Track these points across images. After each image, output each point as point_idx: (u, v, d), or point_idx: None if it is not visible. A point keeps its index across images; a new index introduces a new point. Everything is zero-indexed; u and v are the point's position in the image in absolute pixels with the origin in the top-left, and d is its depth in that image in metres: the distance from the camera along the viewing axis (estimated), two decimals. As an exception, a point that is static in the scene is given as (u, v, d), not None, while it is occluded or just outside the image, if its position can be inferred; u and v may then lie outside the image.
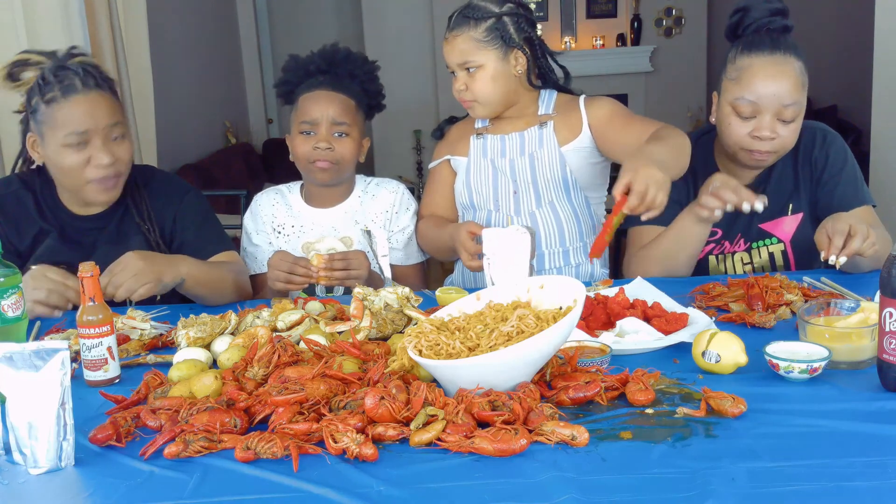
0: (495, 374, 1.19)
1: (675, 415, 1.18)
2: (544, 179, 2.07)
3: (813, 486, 0.97)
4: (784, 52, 1.81)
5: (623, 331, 1.50)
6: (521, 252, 1.73)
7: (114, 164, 1.83)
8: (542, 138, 2.07)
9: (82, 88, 1.80)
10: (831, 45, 6.16)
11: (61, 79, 1.80)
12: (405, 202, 2.17)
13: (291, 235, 2.14)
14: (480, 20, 1.98)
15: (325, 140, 2.01)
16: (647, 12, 6.90)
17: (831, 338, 1.33)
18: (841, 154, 1.94)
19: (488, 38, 1.98)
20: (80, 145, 1.80)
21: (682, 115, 6.82)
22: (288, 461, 1.09)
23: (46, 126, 1.81)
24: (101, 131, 1.81)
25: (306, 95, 2.05)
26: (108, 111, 1.83)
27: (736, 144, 1.87)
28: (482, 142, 2.12)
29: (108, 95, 1.85)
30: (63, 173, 1.85)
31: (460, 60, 2.00)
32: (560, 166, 2.06)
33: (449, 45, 2.02)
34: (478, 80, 2.01)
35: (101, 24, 2.80)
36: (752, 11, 1.85)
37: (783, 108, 1.79)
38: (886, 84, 3.14)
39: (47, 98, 1.80)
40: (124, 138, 1.87)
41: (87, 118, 1.80)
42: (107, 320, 1.40)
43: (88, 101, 1.80)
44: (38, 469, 1.11)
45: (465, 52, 1.99)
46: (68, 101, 1.79)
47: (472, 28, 1.98)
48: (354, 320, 1.51)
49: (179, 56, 5.16)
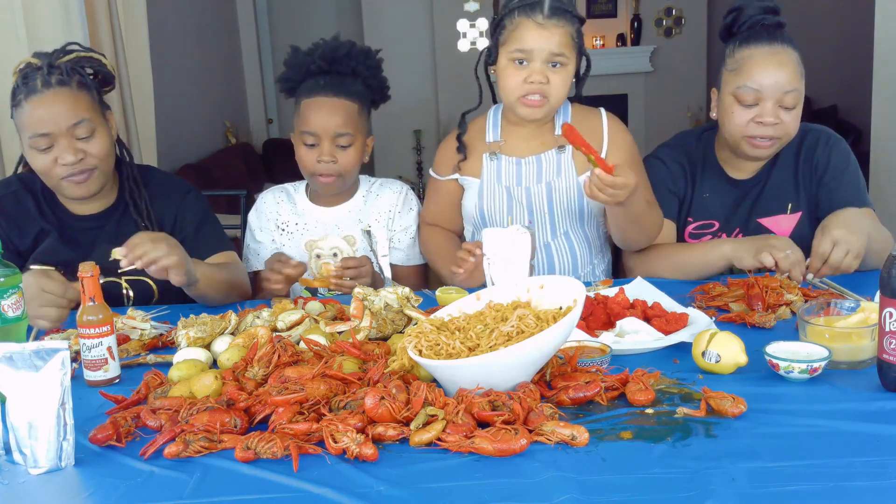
0: (495, 374, 1.19)
1: (675, 415, 1.18)
2: (560, 209, 2.00)
3: (813, 486, 0.97)
4: (781, 42, 1.86)
5: (623, 331, 1.50)
6: (521, 252, 1.73)
7: (80, 161, 1.80)
8: (560, 165, 1.98)
9: (41, 88, 1.78)
10: (831, 45, 6.16)
11: (26, 80, 1.80)
12: (408, 202, 2.16)
13: (295, 233, 2.14)
14: (576, 19, 1.88)
15: (328, 154, 1.99)
16: (647, 12, 6.90)
17: (831, 338, 1.33)
18: (844, 157, 1.96)
19: (577, 40, 1.89)
20: (47, 148, 1.79)
21: (681, 115, 6.82)
22: (288, 461, 1.09)
23: (19, 128, 1.82)
24: (65, 132, 1.78)
25: (307, 101, 2.01)
26: (69, 109, 1.78)
27: (739, 133, 1.89)
28: (496, 164, 2.01)
29: (70, 92, 1.80)
30: (38, 173, 1.85)
31: (557, 50, 1.84)
32: (577, 196, 1.98)
33: (546, 31, 1.83)
34: (560, 77, 1.87)
35: (101, 24, 2.79)
36: (745, 10, 1.89)
37: (784, 94, 1.83)
38: (886, 84, 3.14)
39: (16, 102, 1.81)
40: (94, 135, 1.82)
41: (48, 119, 1.77)
42: (107, 320, 1.40)
43: (47, 100, 1.77)
44: (38, 469, 1.11)
45: (563, 45, 1.84)
46: (30, 102, 1.78)
47: (570, 23, 1.86)
48: (354, 320, 1.52)
49: (179, 56, 5.16)
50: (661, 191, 2.02)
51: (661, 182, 2.03)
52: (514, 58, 1.87)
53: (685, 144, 2.07)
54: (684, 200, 2.03)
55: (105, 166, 1.87)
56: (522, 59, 1.86)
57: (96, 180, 1.86)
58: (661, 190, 2.02)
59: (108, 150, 1.87)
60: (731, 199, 2.01)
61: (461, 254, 1.83)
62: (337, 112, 1.99)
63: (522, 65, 1.87)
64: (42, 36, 2.51)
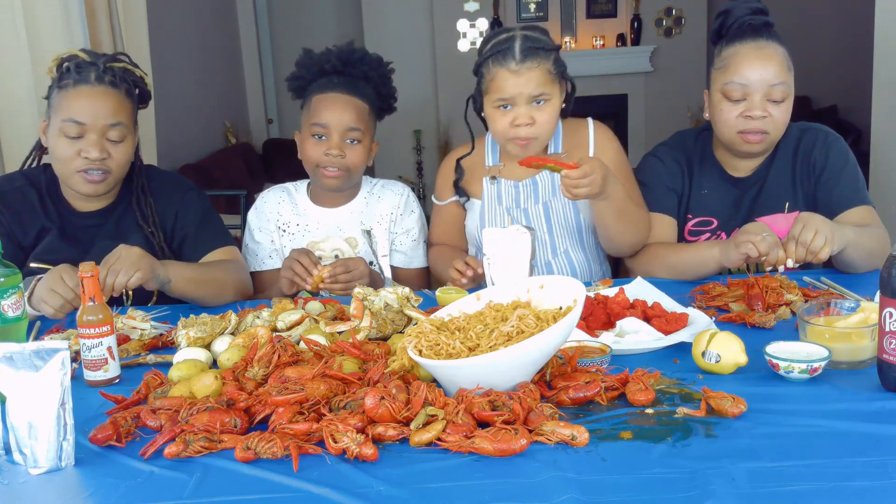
0: (495, 374, 1.19)
1: (675, 415, 1.18)
2: (559, 228, 2.05)
3: (813, 486, 0.97)
4: (766, 38, 1.87)
5: (623, 331, 1.50)
6: (521, 252, 1.73)
7: (103, 160, 1.84)
8: (555, 185, 2.03)
9: (93, 81, 1.83)
10: (831, 45, 6.16)
11: (80, 70, 1.84)
12: (410, 205, 2.17)
13: (296, 234, 2.14)
14: (550, 52, 1.92)
15: (336, 147, 2.01)
16: (647, 12, 6.90)
17: (831, 338, 1.33)
18: (842, 155, 1.96)
19: (556, 71, 1.93)
20: (76, 137, 1.82)
21: (681, 115, 6.82)
22: (288, 461, 1.09)
23: (53, 109, 1.85)
24: (98, 128, 1.82)
25: (320, 97, 2.03)
26: (111, 109, 1.84)
27: (729, 129, 1.90)
28: (496, 187, 2.08)
29: (118, 94, 1.86)
30: (55, 159, 1.88)
31: (537, 92, 1.90)
32: (574, 214, 2.04)
33: (521, 77, 1.89)
34: (546, 113, 1.93)
35: (101, 24, 2.79)
36: (733, 12, 1.92)
37: (771, 88, 1.84)
38: (886, 84, 3.14)
39: (61, 84, 1.84)
40: (123, 141, 1.87)
41: (90, 111, 1.82)
42: (107, 320, 1.40)
43: (94, 93, 1.83)
44: (38, 469, 1.11)
45: (542, 84, 1.90)
46: (76, 89, 1.82)
47: (545, 59, 1.91)
48: (354, 320, 1.52)
49: (179, 56, 5.16)
50: (659, 188, 2.03)
51: (660, 179, 2.04)
52: (498, 105, 1.93)
53: (683, 143, 2.09)
54: (683, 197, 2.04)
55: (120, 173, 1.92)
56: (506, 105, 1.92)
57: (108, 184, 1.89)
58: (659, 187, 2.03)
59: (128, 159, 1.92)
60: (731, 198, 2.01)
61: (459, 265, 1.87)
62: (349, 108, 2.02)
63: (507, 109, 1.93)
64: (42, 36, 2.50)
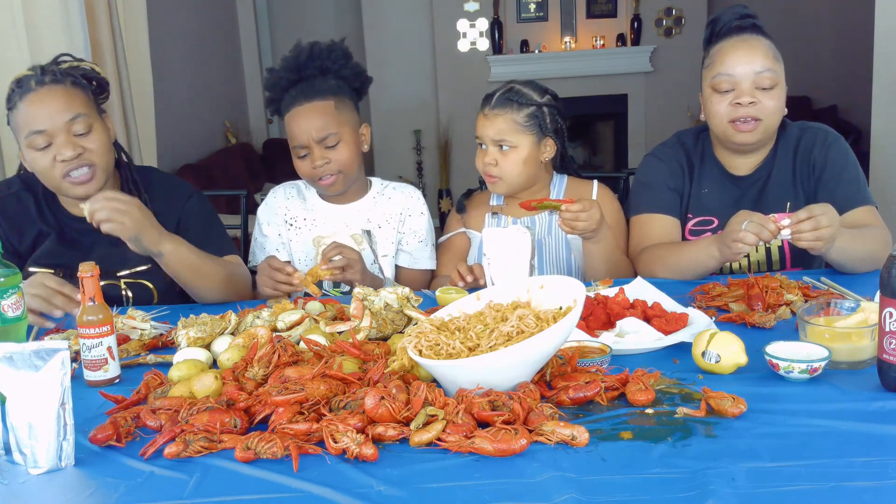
0: (495, 374, 1.19)
1: (675, 415, 1.18)
2: (550, 264, 2.14)
3: (813, 486, 0.97)
4: (751, 32, 1.91)
5: (623, 331, 1.50)
6: (521, 252, 1.73)
7: (80, 155, 1.80)
8: (551, 225, 2.14)
9: (35, 86, 1.79)
10: (831, 45, 6.16)
11: (21, 83, 1.81)
12: (419, 207, 2.19)
13: (303, 228, 2.16)
14: (524, 105, 2.05)
15: (319, 158, 2.02)
16: (647, 12, 6.89)
17: (831, 338, 1.33)
18: (842, 155, 1.96)
19: (528, 124, 2.05)
20: (45, 147, 1.79)
21: (682, 115, 6.81)
22: (288, 461, 1.09)
23: (16, 133, 1.82)
24: (60, 127, 1.78)
25: (288, 116, 2.05)
26: (62, 104, 1.79)
27: (721, 121, 1.92)
28: (497, 221, 2.17)
29: (64, 88, 1.81)
30: (39, 175, 1.85)
31: (497, 137, 2.06)
32: (566, 254, 2.13)
33: (488, 120, 2.07)
34: (510, 160, 2.06)
35: (101, 24, 2.79)
36: (721, 18, 1.96)
37: (758, 75, 1.87)
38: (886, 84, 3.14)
39: (10, 105, 1.81)
40: (91, 131, 1.83)
41: (43, 116, 1.77)
42: (107, 320, 1.40)
43: (41, 96, 1.78)
44: (38, 469, 1.11)
45: (504, 132, 2.05)
46: (24, 101, 1.79)
47: (514, 111, 2.05)
48: (354, 320, 1.52)
49: (179, 56, 5.16)
50: (660, 188, 2.03)
51: (661, 179, 2.04)
52: (477, 143, 2.14)
53: (683, 142, 2.09)
54: (683, 196, 2.04)
55: (104, 163, 1.86)
56: (482, 144, 2.12)
57: (97, 180, 1.85)
58: (660, 187, 2.03)
59: (106, 146, 1.87)
60: (731, 197, 2.01)
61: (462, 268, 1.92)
62: (313, 116, 2.01)
63: (482, 148, 2.12)
64: (42, 36, 2.51)
